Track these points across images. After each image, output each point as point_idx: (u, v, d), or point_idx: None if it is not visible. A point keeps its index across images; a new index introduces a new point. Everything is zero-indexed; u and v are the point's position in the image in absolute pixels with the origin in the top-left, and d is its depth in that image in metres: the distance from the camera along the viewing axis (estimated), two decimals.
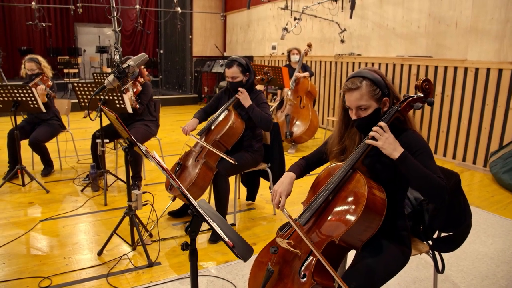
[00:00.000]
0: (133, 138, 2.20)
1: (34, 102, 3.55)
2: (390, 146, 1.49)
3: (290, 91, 5.51)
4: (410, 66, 5.38)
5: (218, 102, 3.17)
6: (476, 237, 2.93)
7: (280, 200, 1.69)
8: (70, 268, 2.45)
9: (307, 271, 1.48)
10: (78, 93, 3.69)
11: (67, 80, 9.37)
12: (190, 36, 10.07)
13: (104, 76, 5.51)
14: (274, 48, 8.39)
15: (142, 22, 9.76)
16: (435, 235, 1.88)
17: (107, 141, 3.52)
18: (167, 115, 8.23)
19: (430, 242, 1.87)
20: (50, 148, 4.19)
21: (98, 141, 3.42)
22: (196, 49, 10.18)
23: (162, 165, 1.38)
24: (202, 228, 3.03)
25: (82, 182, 3.96)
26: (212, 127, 2.96)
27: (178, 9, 8.21)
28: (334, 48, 6.76)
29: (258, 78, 3.09)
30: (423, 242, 1.88)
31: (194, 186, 2.78)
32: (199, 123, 3.10)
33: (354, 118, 1.64)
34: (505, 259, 2.62)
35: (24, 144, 3.88)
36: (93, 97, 2.61)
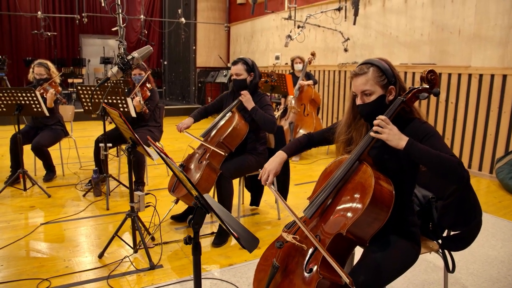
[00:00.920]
0: (136, 136, 2.18)
1: (38, 106, 3.55)
2: (395, 137, 1.47)
3: (294, 99, 5.50)
4: (413, 73, 5.37)
5: (221, 103, 3.16)
6: (485, 241, 2.86)
7: (268, 177, 1.74)
8: (70, 270, 2.40)
9: (313, 265, 1.44)
10: (82, 96, 3.69)
11: (72, 90, 9.41)
12: (194, 47, 10.13)
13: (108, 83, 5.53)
14: (277, 58, 8.42)
15: (146, 33, 9.84)
16: (445, 234, 1.83)
17: (110, 145, 3.51)
18: (171, 125, 8.20)
19: (440, 241, 1.82)
20: (53, 154, 4.17)
21: (101, 145, 3.41)
22: (200, 60, 10.22)
23: (165, 152, 1.35)
24: (205, 232, 3.00)
25: (84, 187, 3.93)
26: (215, 129, 2.94)
27: (182, 19, 8.29)
28: (337, 57, 6.77)
29: (262, 80, 3.08)
30: (433, 241, 1.83)
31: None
32: (194, 123, 3.12)
33: (358, 103, 1.63)
34: None
35: (27, 150, 3.86)
36: (97, 88, 2.60)
